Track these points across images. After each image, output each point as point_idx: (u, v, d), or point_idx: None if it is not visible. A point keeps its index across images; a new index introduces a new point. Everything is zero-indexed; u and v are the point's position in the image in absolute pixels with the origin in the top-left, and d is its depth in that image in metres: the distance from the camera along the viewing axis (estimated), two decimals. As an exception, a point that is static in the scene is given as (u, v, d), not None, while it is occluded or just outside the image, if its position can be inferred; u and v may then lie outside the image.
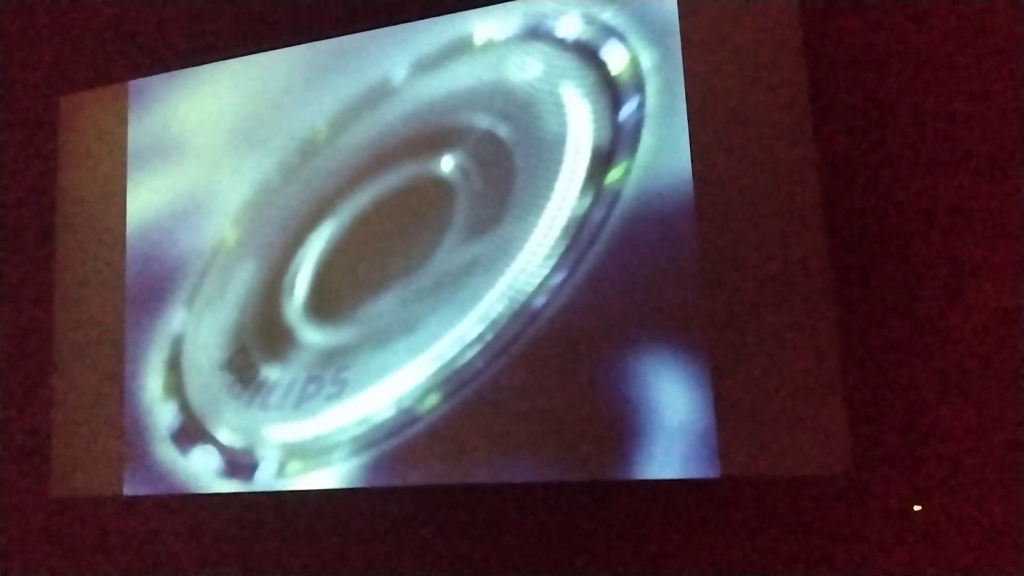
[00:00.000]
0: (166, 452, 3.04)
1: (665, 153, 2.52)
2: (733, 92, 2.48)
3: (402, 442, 2.71)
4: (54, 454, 3.21)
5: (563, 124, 2.64)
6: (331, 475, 2.79)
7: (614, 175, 2.57)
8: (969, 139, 2.30)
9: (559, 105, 2.66)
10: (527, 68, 2.72)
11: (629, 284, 2.50)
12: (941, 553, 2.20)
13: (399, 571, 2.72)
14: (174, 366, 3.09)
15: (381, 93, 2.92)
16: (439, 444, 2.66)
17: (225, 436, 2.96)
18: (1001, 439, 2.17)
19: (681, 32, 2.55)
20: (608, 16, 2.65)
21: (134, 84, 3.30)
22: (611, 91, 2.61)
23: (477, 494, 2.65)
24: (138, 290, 3.17)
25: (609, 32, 2.64)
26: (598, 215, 2.56)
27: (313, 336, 2.89)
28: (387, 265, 2.81)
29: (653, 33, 2.58)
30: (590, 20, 2.67)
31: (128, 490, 3.08)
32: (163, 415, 3.06)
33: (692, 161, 2.48)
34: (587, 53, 2.66)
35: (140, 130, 3.26)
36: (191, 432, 3.01)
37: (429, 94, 2.85)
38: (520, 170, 2.67)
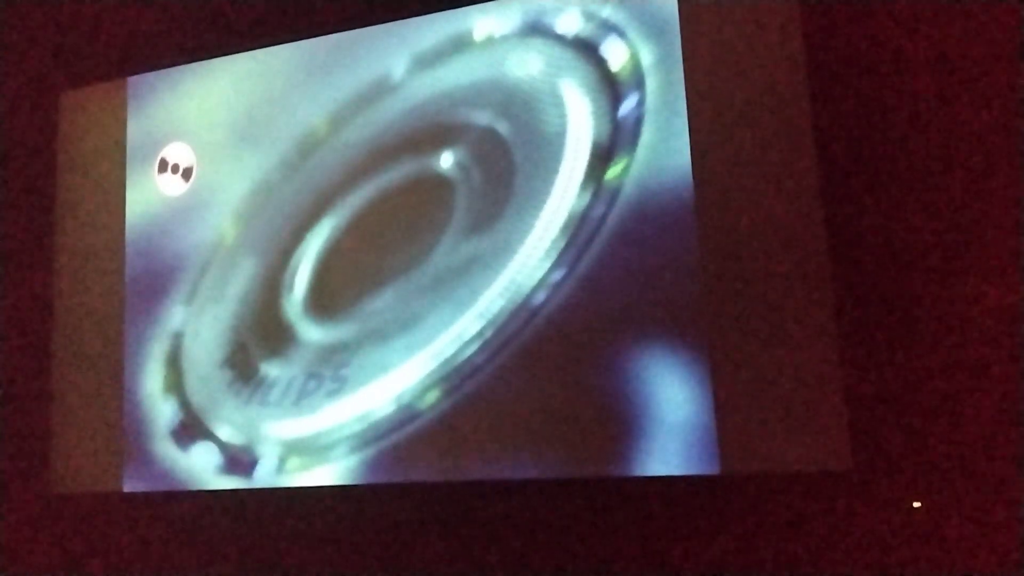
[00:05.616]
0: (166, 449, 3.04)
1: (665, 150, 2.51)
2: (733, 89, 2.47)
3: (402, 439, 2.71)
4: (54, 451, 3.21)
5: (563, 120, 2.64)
6: (331, 472, 2.79)
7: (614, 172, 2.56)
8: (969, 138, 2.29)
9: (559, 101, 2.65)
10: (527, 64, 2.71)
11: (629, 281, 2.50)
12: (940, 549, 2.20)
13: (399, 568, 2.72)
14: (174, 363, 3.09)
15: (381, 89, 2.91)
16: (439, 441, 2.66)
17: (225, 433, 2.96)
18: (1001, 436, 2.17)
19: (681, 29, 2.55)
20: (608, 12, 2.64)
21: (133, 80, 3.30)
22: (611, 87, 2.61)
23: (477, 491, 2.65)
24: (138, 287, 3.17)
25: (609, 28, 2.63)
26: (598, 212, 2.55)
27: (313, 333, 2.89)
28: (387, 262, 2.81)
29: (653, 30, 2.58)
30: (590, 16, 2.66)
31: (128, 487, 3.08)
32: (163, 412, 3.06)
33: (692, 158, 2.48)
34: (587, 49, 2.65)
35: (139, 126, 3.26)
36: (191, 429, 3.01)
37: (429, 90, 2.84)
38: (520, 166, 2.67)
